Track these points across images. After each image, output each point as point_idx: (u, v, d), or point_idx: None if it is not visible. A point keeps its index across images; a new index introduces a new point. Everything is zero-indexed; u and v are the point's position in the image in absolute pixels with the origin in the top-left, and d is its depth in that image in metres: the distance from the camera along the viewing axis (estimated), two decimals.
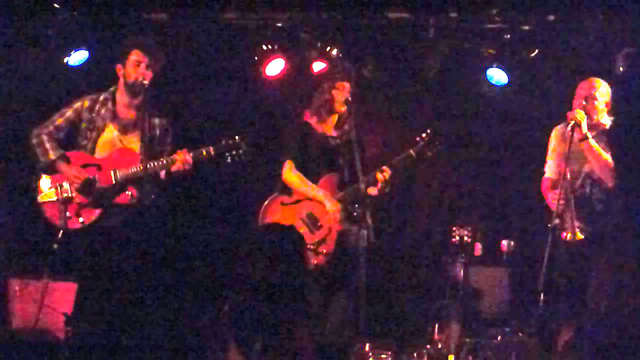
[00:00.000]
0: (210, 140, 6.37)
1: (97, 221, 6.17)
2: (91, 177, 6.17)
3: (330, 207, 6.47)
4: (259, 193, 7.01)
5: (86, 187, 6.16)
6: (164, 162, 6.20)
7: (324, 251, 6.41)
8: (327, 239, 6.44)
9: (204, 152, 6.26)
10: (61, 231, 6.10)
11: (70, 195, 6.19)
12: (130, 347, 6.13)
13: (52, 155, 6.25)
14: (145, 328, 6.25)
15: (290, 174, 6.59)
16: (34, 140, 6.30)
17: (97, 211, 6.18)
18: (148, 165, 6.06)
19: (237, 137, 6.32)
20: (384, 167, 6.50)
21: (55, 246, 6.09)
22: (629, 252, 6.32)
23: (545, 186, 6.62)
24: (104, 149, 6.30)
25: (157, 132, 6.37)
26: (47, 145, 6.28)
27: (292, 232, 6.46)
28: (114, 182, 6.18)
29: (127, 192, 6.15)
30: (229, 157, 6.31)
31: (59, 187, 6.21)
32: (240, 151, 6.30)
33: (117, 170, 6.18)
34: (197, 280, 8.23)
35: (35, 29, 8.09)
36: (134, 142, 6.28)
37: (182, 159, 6.18)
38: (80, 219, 6.17)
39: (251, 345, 6.89)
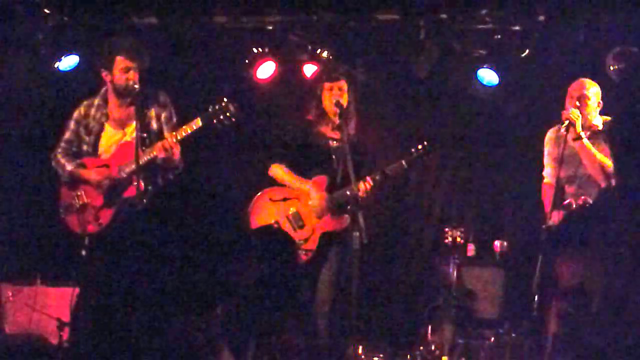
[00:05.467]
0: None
1: (114, 220, 6.17)
2: (105, 173, 6.22)
3: (315, 198, 6.46)
4: (250, 194, 7.00)
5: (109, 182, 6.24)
6: (156, 147, 6.15)
7: (305, 250, 6.42)
8: (309, 239, 6.45)
9: (192, 126, 6.17)
10: (87, 238, 6.12)
11: (85, 202, 6.22)
12: (121, 351, 6.13)
13: (69, 167, 6.32)
14: (136, 332, 6.24)
15: (275, 167, 6.60)
16: (53, 163, 6.41)
17: (112, 210, 6.19)
18: (140, 157, 6.03)
19: (224, 99, 6.11)
20: (368, 178, 6.47)
21: (84, 252, 6.10)
22: (623, 251, 6.32)
23: (545, 192, 6.58)
24: (107, 148, 6.32)
25: (153, 122, 6.34)
26: (63, 160, 6.36)
27: (283, 235, 6.48)
28: (122, 177, 6.18)
29: (133, 184, 6.11)
30: (218, 123, 6.08)
31: (75, 197, 6.27)
32: (229, 114, 6.06)
33: (121, 166, 6.19)
34: (188, 283, 8.23)
35: (25, 34, 8.06)
36: (133, 133, 6.26)
37: (163, 142, 6.13)
38: (99, 221, 6.18)
39: (244, 347, 6.90)
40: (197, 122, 6.11)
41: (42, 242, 8.10)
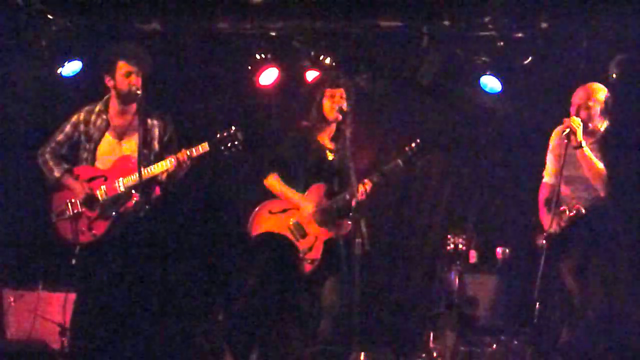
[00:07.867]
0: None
1: (109, 231, 6.18)
2: (89, 191, 6.19)
3: (305, 208, 6.51)
4: (253, 201, 7.00)
5: (88, 202, 6.19)
6: (159, 165, 6.19)
7: (310, 259, 6.45)
8: (313, 247, 6.47)
9: (199, 149, 6.21)
10: (78, 247, 6.14)
11: (79, 210, 6.22)
12: (123, 357, 6.13)
13: (57, 173, 6.32)
14: (138, 338, 6.24)
15: (272, 179, 6.65)
16: (40, 160, 6.39)
17: (108, 222, 6.19)
18: (144, 171, 6.03)
19: (232, 128, 6.25)
20: (366, 180, 6.52)
21: (74, 261, 6.12)
22: (620, 258, 6.32)
23: (543, 194, 6.59)
24: (105, 158, 6.31)
25: (155, 133, 6.36)
26: (51, 163, 6.36)
27: (286, 242, 6.49)
28: (120, 191, 6.19)
29: (132, 200, 6.14)
30: (225, 151, 6.23)
31: (69, 204, 6.25)
32: (237, 142, 6.20)
33: (122, 179, 6.19)
34: (190, 289, 8.23)
35: (28, 39, 8.07)
36: (133, 146, 6.27)
37: (181, 158, 6.15)
38: (93, 232, 6.18)
39: (246, 353, 6.89)
40: (205, 147, 6.17)
41: (43, 246, 8.08)
